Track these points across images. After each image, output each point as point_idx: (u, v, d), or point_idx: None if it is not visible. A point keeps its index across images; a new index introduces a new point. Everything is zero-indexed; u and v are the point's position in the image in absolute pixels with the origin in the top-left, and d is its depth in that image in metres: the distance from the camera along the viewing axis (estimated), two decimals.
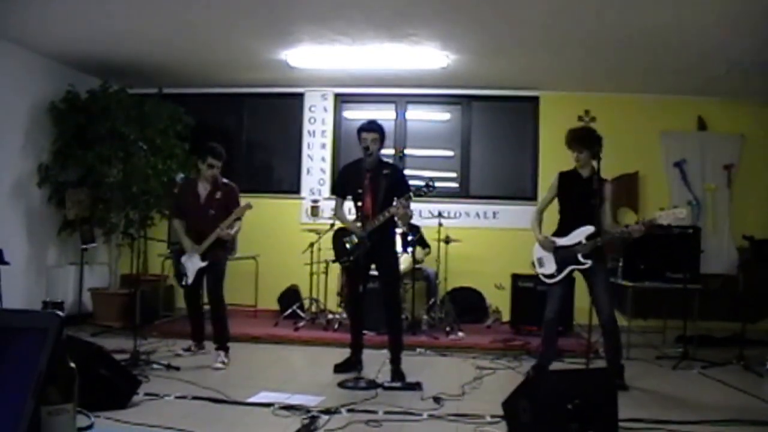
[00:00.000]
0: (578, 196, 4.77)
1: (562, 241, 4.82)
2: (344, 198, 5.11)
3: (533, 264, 5.01)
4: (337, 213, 5.17)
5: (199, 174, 5.45)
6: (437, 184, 4.81)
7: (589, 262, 4.68)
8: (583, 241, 4.70)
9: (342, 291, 6.84)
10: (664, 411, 4.12)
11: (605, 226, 4.74)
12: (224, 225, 5.25)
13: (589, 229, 4.68)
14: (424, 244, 7.05)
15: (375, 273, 5.05)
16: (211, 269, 5.36)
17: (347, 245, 4.89)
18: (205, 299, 5.49)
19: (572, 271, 4.81)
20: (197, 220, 5.39)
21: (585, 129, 5.01)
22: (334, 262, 5.37)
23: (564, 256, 4.78)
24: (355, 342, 5.09)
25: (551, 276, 4.86)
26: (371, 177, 4.86)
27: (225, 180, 5.51)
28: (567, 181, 4.91)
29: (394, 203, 4.66)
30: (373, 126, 4.90)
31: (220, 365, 5.16)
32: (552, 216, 5.04)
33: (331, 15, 5.52)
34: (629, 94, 7.54)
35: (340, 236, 5.00)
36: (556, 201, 5.01)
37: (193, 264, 5.34)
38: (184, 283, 5.43)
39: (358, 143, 4.90)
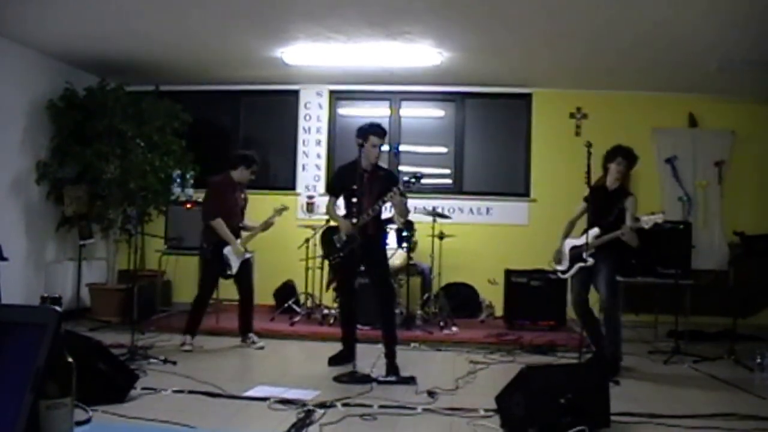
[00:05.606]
0: (600, 206, 5.21)
1: (576, 242, 5.31)
2: (337, 197, 5.16)
3: (552, 261, 5.59)
4: (329, 210, 5.20)
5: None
6: (431, 180, 4.87)
7: (591, 261, 5.11)
8: (589, 242, 5.08)
9: (329, 287, 6.80)
10: (655, 405, 4.18)
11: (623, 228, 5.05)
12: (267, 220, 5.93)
13: (596, 231, 5.15)
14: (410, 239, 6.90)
15: (362, 269, 5.12)
16: (248, 261, 5.84)
17: (336, 242, 4.95)
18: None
19: (580, 267, 5.21)
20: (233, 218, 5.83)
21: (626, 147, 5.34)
22: (324, 258, 5.41)
23: (574, 254, 5.28)
24: (347, 336, 5.13)
25: (564, 272, 5.42)
26: (368, 178, 4.91)
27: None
28: (594, 194, 5.28)
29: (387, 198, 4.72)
30: (384, 131, 4.99)
31: (262, 343, 5.77)
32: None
33: (326, 13, 5.55)
34: (621, 91, 7.57)
35: (329, 234, 5.07)
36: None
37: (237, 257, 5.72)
38: (229, 273, 5.73)
39: (356, 141, 4.88)
